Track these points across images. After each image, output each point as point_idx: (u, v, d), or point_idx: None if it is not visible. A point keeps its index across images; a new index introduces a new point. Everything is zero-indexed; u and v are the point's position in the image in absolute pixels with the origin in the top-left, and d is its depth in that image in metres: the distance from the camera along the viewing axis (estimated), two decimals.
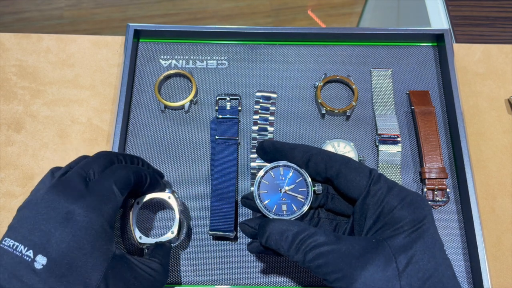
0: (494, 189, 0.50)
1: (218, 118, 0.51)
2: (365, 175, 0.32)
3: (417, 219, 0.29)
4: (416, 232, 0.29)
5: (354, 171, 0.32)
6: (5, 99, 0.54)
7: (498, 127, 0.53)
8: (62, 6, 1.53)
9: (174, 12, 1.54)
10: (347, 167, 0.32)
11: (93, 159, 0.37)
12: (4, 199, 0.49)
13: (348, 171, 0.32)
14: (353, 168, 0.32)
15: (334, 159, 0.33)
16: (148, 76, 0.54)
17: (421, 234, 0.29)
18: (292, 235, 0.31)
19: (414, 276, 0.28)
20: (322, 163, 0.33)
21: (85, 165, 0.36)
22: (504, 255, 0.47)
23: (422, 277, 0.28)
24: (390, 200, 0.30)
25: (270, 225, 0.32)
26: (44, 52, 0.56)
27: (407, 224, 0.29)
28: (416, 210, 0.30)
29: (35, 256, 0.30)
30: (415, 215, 0.30)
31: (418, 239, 0.29)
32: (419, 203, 0.30)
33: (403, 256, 0.28)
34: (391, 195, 0.30)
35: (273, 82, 0.54)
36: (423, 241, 0.29)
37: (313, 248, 0.30)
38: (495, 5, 0.69)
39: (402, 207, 0.30)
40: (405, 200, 0.30)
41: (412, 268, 0.28)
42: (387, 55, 0.55)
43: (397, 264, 0.28)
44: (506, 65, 0.56)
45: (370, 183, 0.31)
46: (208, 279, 0.45)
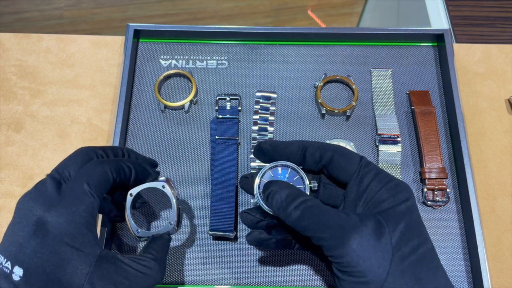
0: (494, 189, 0.50)
1: (218, 118, 0.51)
2: (355, 161, 0.34)
3: (400, 199, 0.31)
4: (402, 208, 0.31)
5: (345, 157, 0.34)
6: (5, 99, 0.54)
7: (498, 127, 0.53)
8: (62, 6, 1.53)
9: (174, 12, 1.54)
10: (339, 153, 0.34)
11: (69, 158, 0.35)
12: (4, 199, 0.49)
13: (340, 157, 0.34)
14: (344, 154, 0.34)
15: (327, 148, 0.35)
16: (148, 76, 0.54)
17: (407, 211, 0.31)
18: (295, 193, 0.32)
19: (404, 245, 0.30)
20: (317, 152, 0.34)
21: (60, 166, 0.35)
22: (504, 255, 0.47)
23: (411, 247, 0.30)
24: (376, 183, 0.32)
25: (276, 183, 0.34)
26: (44, 52, 0.56)
27: (390, 202, 0.31)
28: (399, 193, 0.32)
29: (13, 267, 0.29)
30: (398, 197, 0.32)
31: (404, 214, 0.31)
32: (401, 186, 0.32)
33: (394, 225, 0.30)
34: (378, 179, 0.32)
35: (273, 82, 0.54)
36: (409, 217, 0.31)
37: (312, 207, 0.31)
38: (495, 5, 0.69)
39: (386, 190, 0.32)
40: (388, 184, 0.32)
41: (402, 237, 0.30)
42: (387, 55, 0.55)
43: (389, 231, 0.30)
44: (506, 65, 0.56)
45: (360, 167, 0.33)
46: (208, 279, 0.45)
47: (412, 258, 0.29)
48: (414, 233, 0.31)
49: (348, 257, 0.29)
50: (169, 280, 0.45)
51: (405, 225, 0.30)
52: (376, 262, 0.29)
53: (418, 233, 0.31)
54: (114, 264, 0.32)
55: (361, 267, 0.29)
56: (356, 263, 0.29)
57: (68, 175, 0.34)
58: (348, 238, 0.29)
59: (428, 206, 0.48)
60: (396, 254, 0.29)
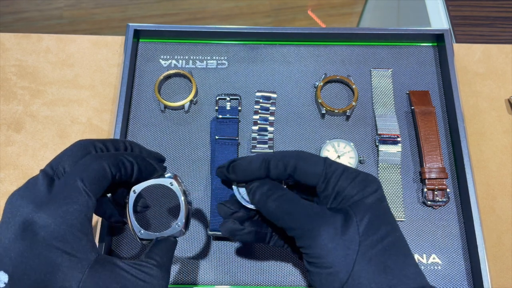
0: (494, 189, 0.50)
1: (218, 118, 0.51)
2: (319, 163, 0.34)
3: (368, 191, 0.32)
4: (370, 200, 0.32)
5: (308, 162, 0.34)
6: (5, 99, 0.54)
7: (498, 127, 0.53)
8: (62, 6, 1.53)
9: (174, 12, 1.54)
10: (302, 159, 0.34)
11: (65, 151, 0.32)
12: (4, 199, 0.49)
13: (304, 163, 0.34)
14: (307, 159, 0.34)
15: (289, 156, 0.34)
16: (148, 76, 0.54)
17: (375, 202, 0.32)
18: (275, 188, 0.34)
19: (372, 234, 0.30)
20: (279, 163, 0.34)
21: (55, 160, 0.31)
22: (504, 255, 0.47)
23: (379, 236, 0.30)
24: (343, 181, 0.33)
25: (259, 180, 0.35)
26: (44, 52, 0.56)
27: (359, 196, 0.32)
28: (367, 186, 0.32)
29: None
30: (366, 190, 0.32)
31: (372, 205, 0.32)
32: (368, 180, 0.33)
33: (361, 215, 0.31)
34: (345, 176, 0.33)
35: (273, 82, 0.54)
36: (377, 207, 0.32)
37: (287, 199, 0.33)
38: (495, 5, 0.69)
39: (354, 185, 0.32)
40: (355, 179, 0.33)
41: (369, 227, 0.30)
42: (387, 55, 0.55)
43: (356, 221, 0.30)
44: (506, 65, 0.56)
45: (325, 169, 0.33)
46: (208, 279, 0.45)
47: (380, 247, 0.30)
48: (382, 222, 0.31)
49: (316, 248, 0.30)
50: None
51: (373, 215, 0.31)
52: (342, 252, 0.29)
53: (385, 222, 0.31)
54: (111, 271, 0.29)
55: (328, 258, 0.29)
56: (324, 254, 0.30)
57: (62, 170, 0.31)
58: (317, 229, 0.30)
59: (428, 206, 0.48)
60: (363, 243, 0.30)
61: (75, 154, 0.32)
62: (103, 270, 0.29)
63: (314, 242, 0.30)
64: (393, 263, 0.29)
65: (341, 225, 0.30)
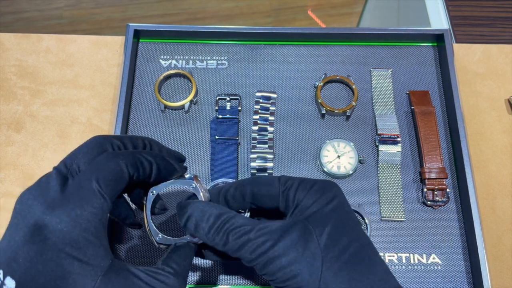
0: (494, 189, 0.50)
1: (218, 118, 0.51)
2: (274, 183, 0.32)
3: (326, 200, 0.30)
4: (328, 209, 0.30)
5: (263, 185, 0.32)
6: (5, 99, 0.54)
7: (498, 127, 0.53)
8: (62, 6, 1.53)
9: (173, 12, 1.54)
10: (256, 184, 0.33)
11: (80, 148, 0.30)
12: (4, 199, 0.49)
13: (259, 188, 0.32)
14: (261, 182, 0.33)
15: (243, 184, 0.33)
16: (148, 76, 0.54)
17: (333, 210, 0.30)
18: (214, 216, 0.30)
19: (334, 246, 0.29)
20: (237, 194, 0.33)
21: (69, 157, 0.29)
22: (504, 255, 0.47)
23: (341, 247, 0.29)
24: (299, 193, 0.31)
25: (191, 205, 0.31)
26: (44, 52, 0.56)
27: (316, 206, 0.30)
28: (324, 194, 0.31)
29: (4, 278, 0.25)
30: (323, 197, 0.31)
31: (331, 214, 0.30)
32: (326, 187, 0.31)
33: (321, 228, 0.29)
34: (301, 188, 0.31)
35: (273, 82, 0.54)
36: (337, 216, 0.30)
37: (235, 228, 0.29)
38: (495, 5, 0.69)
39: (310, 195, 0.31)
40: (312, 189, 0.31)
41: (330, 239, 0.29)
42: (387, 55, 0.55)
43: (316, 235, 0.29)
44: (506, 65, 0.56)
45: (280, 187, 0.32)
46: (208, 279, 0.45)
47: (344, 259, 0.28)
48: (343, 232, 0.29)
49: (279, 273, 0.28)
50: None
51: (332, 225, 0.29)
52: (307, 270, 0.28)
53: (347, 231, 0.30)
54: (125, 279, 0.27)
55: (294, 279, 0.28)
56: (287, 276, 0.28)
57: (77, 168, 0.29)
58: (274, 254, 0.28)
59: (428, 206, 0.48)
60: (326, 257, 0.28)
61: (90, 152, 0.29)
62: (116, 278, 0.27)
63: (275, 267, 0.28)
64: (359, 274, 0.28)
65: (300, 242, 0.29)
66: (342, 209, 0.31)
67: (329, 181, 0.32)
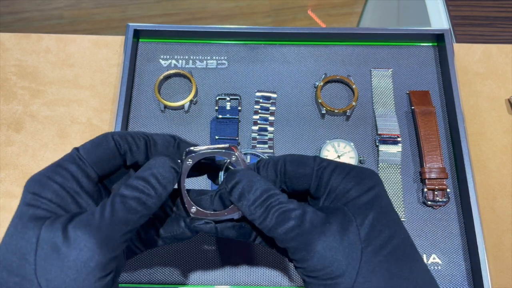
0: (495, 189, 0.50)
1: (218, 118, 0.51)
2: (309, 163, 0.30)
3: (366, 186, 0.29)
4: (368, 198, 0.28)
5: (297, 163, 0.31)
6: (5, 99, 0.54)
7: (499, 127, 0.53)
8: (62, 6, 1.53)
9: (173, 12, 1.54)
10: (291, 162, 0.31)
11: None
12: (4, 199, 0.49)
13: (293, 166, 0.31)
14: (296, 160, 0.31)
15: (277, 161, 0.31)
16: (148, 76, 0.54)
17: (375, 200, 0.28)
18: (261, 189, 0.28)
19: (375, 238, 0.27)
20: (270, 170, 0.31)
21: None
22: (504, 255, 0.47)
23: (383, 239, 0.27)
24: (335, 177, 0.29)
25: (241, 172, 0.30)
26: (44, 52, 0.56)
27: (355, 192, 0.28)
28: (363, 180, 0.29)
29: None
30: (363, 184, 0.29)
31: (372, 203, 0.28)
32: (365, 174, 0.29)
33: (362, 217, 0.27)
34: (338, 171, 0.30)
35: (273, 82, 0.54)
36: (378, 205, 0.28)
37: (278, 204, 0.28)
38: (495, 5, 0.69)
39: (347, 180, 0.29)
40: (350, 173, 0.29)
41: (372, 229, 0.27)
42: (387, 55, 0.55)
43: (357, 224, 0.27)
44: (506, 65, 0.56)
45: (315, 167, 0.30)
46: (208, 279, 0.45)
47: (384, 252, 0.26)
48: (385, 224, 0.27)
49: (313, 260, 0.26)
50: (169, 280, 0.45)
51: (374, 215, 0.27)
52: (344, 261, 0.26)
53: (389, 223, 0.28)
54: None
55: (328, 269, 0.26)
56: (322, 265, 0.26)
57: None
58: (311, 239, 0.27)
59: (428, 206, 0.48)
60: (366, 249, 0.26)
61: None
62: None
63: (309, 254, 0.27)
64: (400, 270, 0.26)
65: (340, 231, 0.27)
66: (383, 199, 0.29)
67: (368, 168, 0.30)
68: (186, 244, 0.46)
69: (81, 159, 0.29)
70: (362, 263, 0.26)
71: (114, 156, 0.30)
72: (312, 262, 0.27)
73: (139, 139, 0.31)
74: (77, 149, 0.29)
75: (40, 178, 0.28)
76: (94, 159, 0.29)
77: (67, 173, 0.28)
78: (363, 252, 0.26)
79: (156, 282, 0.45)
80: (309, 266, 0.27)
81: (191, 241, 0.46)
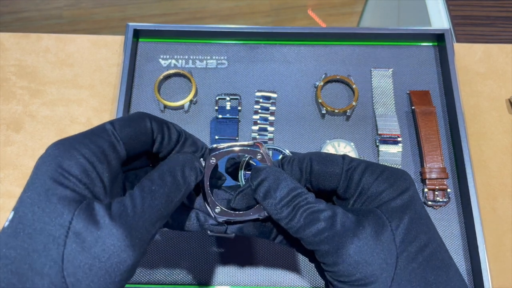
0: (495, 189, 0.50)
1: (218, 118, 0.51)
2: (338, 162, 0.29)
3: (400, 189, 0.27)
4: (403, 201, 0.27)
5: (325, 162, 0.29)
6: (4, 99, 0.54)
7: (499, 127, 0.53)
8: (61, 6, 1.53)
9: (173, 11, 1.53)
10: (318, 160, 0.29)
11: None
12: (4, 199, 0.49)
13: (320, 164, 0.29)
14: (324, 159, 0.29)
15: (303, 158, 0.30)
16: (147, 76, 0.54)
17: (409, 203, 0.27)
18: (288, 188, 0.27)
19: (411, 243, 0.25)
20: (295, 168, 0.30)
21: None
22: (505, 256, 0.47)
23: (418, 245, 0.25)
24: (367, 177, 0.28)
25: (267, 169, 0.28)
26: (43, 51, 0.56)
27: (388, 195, 0.27)
28: (396, 182, 0.27)
29: None
30: (396, 186, 0.27)
31: (407, 206, 0.27)
32: (398, 175, 0.28)
33: (397, 221, 0.26)
34: (369, 171, 0.28)
35: (273, 82, 0.54)
36: (413, 209, 0.27)
37: (306, 204, 0.26)
38: (496, 4, 0.69)
39: (380, 181, 0.28)
40: (382, 174, 0.28)
41: (407, 234, 0.26)
42: (388, 55, 0.55)
43: (392, 228, 0.26)
44: (507, 65, 0.56)
45: (344, 168, 0.29)
46: (208, 279, 0.45)
47: (420, 259, 0.25)
48: (421, 229, 0.26)
49: (344, 264, 0.25)
50: (169, 281, 0.45)
51: (410, 219, 0.26)
52: (378, 267, 0.25)
53: (424, 228, 0.26)
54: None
55: (360, 275, 0.25)
56: (355, 270, 0.25)
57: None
58: (343, 242, 0.25)
59: (429, 206, 0.48)
60: (401, 255, 0.25)
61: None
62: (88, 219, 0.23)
63: (340, 258, 0.25)
64: (436, 277, 0.25)
65: (374, 234, 0.25)
66: (417, 202, 0.27)
67: (400, 169, 0.29)
68: (186, 244, 0.46)
69: (115, 136, 0.27)
70: (397, 270, 0.25)
71: (146, 139, 0.28)
72: (343, 266, 0.25)
73: (174, 132, 0.29)
74: (112, 123, 0.27)
75: (69, 149, 0.25)
76: (127, 135, 0.27)
77: (99, 150, 0.25)
78: (399, 258, 0.25)
79: (156, 282, 0.45)
80: (340, 271, 0.25)
81: (191, 241, 0.46)
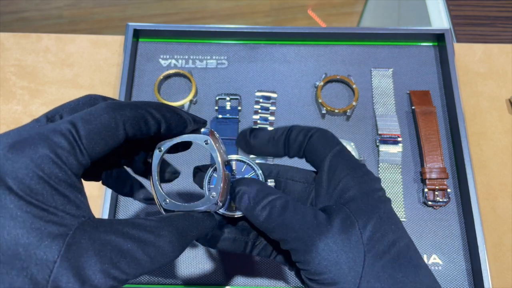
0: (495, 189, 0.50)
1: (218, 118, 0.51)
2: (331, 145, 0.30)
3: (369, 188, 0.28)
4: (373, 199, 0.27)
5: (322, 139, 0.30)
6: (4, 99, 0.54)
7: (499, 127, 0.53)
8: (61, 6, 1.53)
9: (173, 11, 1.53)
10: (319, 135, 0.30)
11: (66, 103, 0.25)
12: None
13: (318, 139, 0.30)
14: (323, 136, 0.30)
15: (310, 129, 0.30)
16: (147, 75, 0.54)
17: (379, 202, 0.27)
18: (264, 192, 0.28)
19: (378, 242, 0.26)
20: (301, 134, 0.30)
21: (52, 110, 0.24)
22: (505, 255, 0.47)
23: (386, 243, 0.26)
24: (342, 169, 0.29)
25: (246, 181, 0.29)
26: (43, 51, 0.56)
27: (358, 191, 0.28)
28: (367, 182, 0.28)
29: None
30: (367, 185, 0.28)
31: (376, 206, 0.27)
32: (370, 176, 0.29)
33: (364, 220, 0.26)
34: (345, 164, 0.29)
35: (273, 82, 0.54)
36: (382, 209, 0.27)
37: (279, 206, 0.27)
38: (496, 4, 0.69)
39: (352, 176, 0.28)
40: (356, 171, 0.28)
41: (375, 235, 0.26)
42: (388, 55, 0.55)
43: (359, 228, 0.26)
44: (507, 64, 0.56)
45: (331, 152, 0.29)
46: (208, 279, 0.45)
47: (388, 257, 0.25)
48: (388, 228, 0.26)
49: (315, 263, 0.25)
50: (168, 281, 0.45)
51: (378, 219, 0.26)
52: (346, 266, 0.25)
53: (392, 227, 0.27)
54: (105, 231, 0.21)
55: (330, 274, 0.25)
56: (324, 269, 0.25)
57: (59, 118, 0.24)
58: (313, 240, 0.25)
59: (429, 206, 0.48)
60: (369, 254, 0.25)
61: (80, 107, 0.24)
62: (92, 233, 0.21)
63: (312, 256, 0.25)
64: (405, 276, 0.25)
65: (342, 233, 0.26)
66: (387, 203, 0.28)
67: (373, 173, 0.30)
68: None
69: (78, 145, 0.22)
70: (365, 268, 0.25)
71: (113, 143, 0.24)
72: (313, 264, 0.26)
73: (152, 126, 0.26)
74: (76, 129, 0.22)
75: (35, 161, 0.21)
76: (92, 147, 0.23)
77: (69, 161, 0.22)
78: (366, 257, 0.25)
79: (156, 283, 0.45)
80: (311, 269, 0.26)
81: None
